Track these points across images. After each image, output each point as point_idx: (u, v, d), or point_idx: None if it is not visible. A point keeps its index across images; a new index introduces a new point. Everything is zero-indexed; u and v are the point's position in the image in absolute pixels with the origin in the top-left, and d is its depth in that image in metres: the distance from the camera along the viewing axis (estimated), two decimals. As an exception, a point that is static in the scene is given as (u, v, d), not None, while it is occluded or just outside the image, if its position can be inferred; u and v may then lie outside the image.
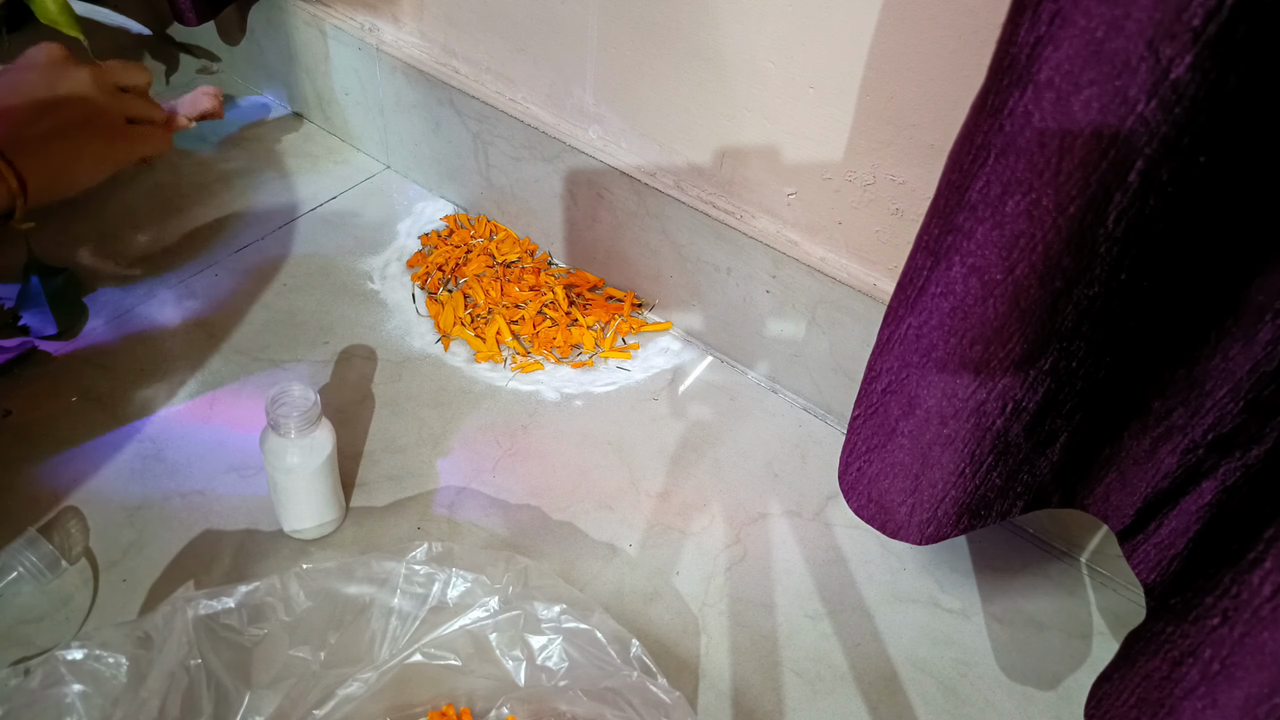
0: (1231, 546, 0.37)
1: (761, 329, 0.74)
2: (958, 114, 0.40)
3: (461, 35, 0.80)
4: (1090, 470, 0.52)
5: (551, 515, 0.65)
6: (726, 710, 0.56)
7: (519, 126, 0.79)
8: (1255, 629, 0.36)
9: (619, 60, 0.70)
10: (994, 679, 0.60)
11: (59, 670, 0.47)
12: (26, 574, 0.56)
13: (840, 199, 0.64)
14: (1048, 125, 0.36)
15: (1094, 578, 0.66)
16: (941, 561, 0.66)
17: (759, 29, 0.61)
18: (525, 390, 0.74)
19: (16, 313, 0.72)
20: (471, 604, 0.53)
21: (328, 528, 0.62)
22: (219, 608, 0.51)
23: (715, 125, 0.68)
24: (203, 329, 0.75)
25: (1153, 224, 0.38)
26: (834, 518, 0.68)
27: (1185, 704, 0.40)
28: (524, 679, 0.52)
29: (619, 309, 0.81)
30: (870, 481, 0.55)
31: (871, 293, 0.65)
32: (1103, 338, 0.43)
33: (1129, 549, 0.52)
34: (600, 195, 0.77)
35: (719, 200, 0.71)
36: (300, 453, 0.56)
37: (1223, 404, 0.43)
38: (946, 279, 0.43)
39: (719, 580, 0.63)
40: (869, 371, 0.51)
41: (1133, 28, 0.32)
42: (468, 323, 0.79)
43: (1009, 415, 0.46)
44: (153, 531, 0.61)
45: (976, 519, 0.54)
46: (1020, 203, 0.38)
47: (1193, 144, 0.35)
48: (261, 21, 0.94)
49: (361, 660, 0.52)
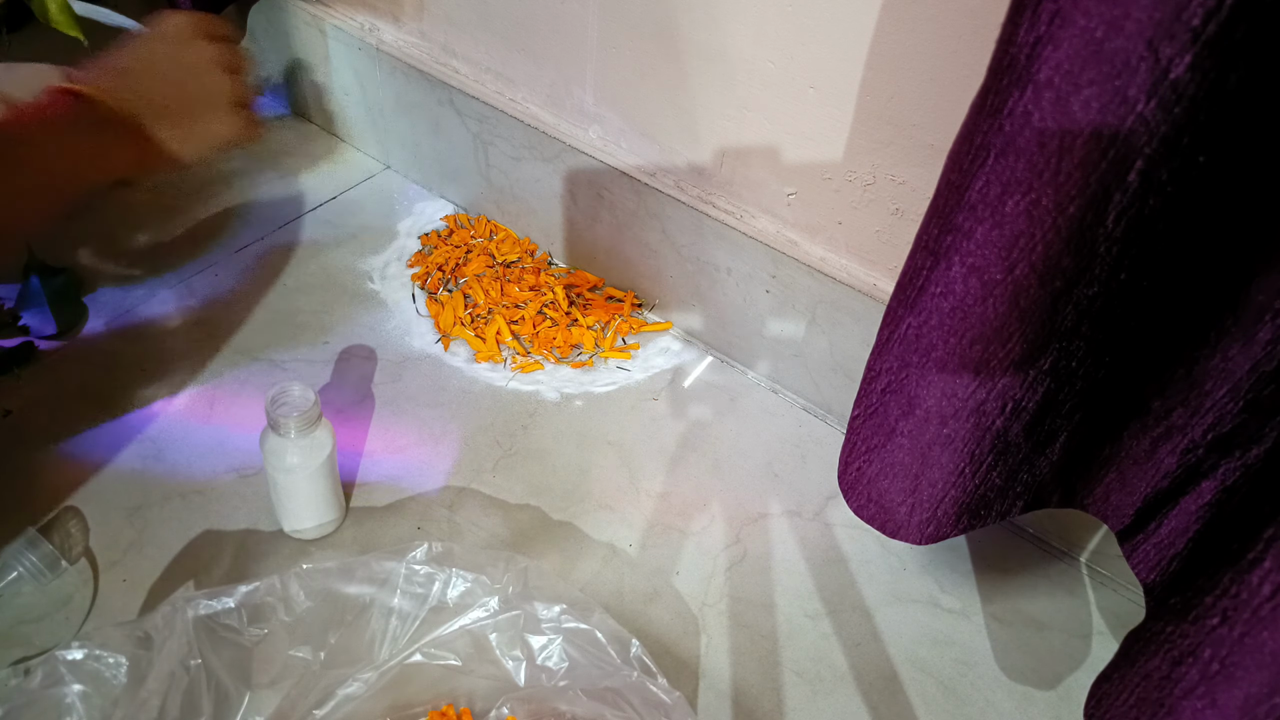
0: (1231, 546, 0.37)
1: (761, 329, 0.74)
2: (958, 114, 0.40)
3: (461, 35, 0.80)
4: (1090, 470, 0.52)
5: (551, 515, 0.65)
6: (726, 710, 0.56)
7: (519, 126, 0.79)
8: (1255, 629, 0.36)
9: (619, 60, 0.70)
10: (994, 679, 0.60)
11: (59, 670, 0.47)
12: (26, 574, 0.56)
13: (840, 199, 0.64)
14: (1047, 125, 0.36)
15: (1094, 578, 0.66)
16: (941, 561, 0.66)
17: (759, 29, 0.61)
18: (525, 390, 0.74)
19: (16, 312, 0.72)
20: (471, 604, 0.53)
21: (328, 528, 0.62)
22: (219, 608, 0.51)
23: (715, 125, 0.68)
24: (203, 329, 0.75)
25: (1152, 224, 0.38)
26: (834, 518, 0.68)
27: (1185, 704, 0.40)
28: (524, 679, 0.52)
29: (619, 309, 0.81)
30: (870, 481, 0.55)
31: (871, 293, 0.65)
32: (1102, 337, 0.43)
33: (1129, 549, 0.52)
34: (600, 195, 0.77)
35: (719, 200, 0.71)
36: (300, 453, 0.56)
37: (1222, 404, 0.43)
38: (946, 279, 0.43)
39: (719, 580, 0.63)
40: (869, 371, 0.51)
41: (1132, 27, 0.32)
42: (468, 323, 0.79)
43: (1009, 415, 0.46)
44: (153, 531, 0.61)
45: (976, 519, 0.54)
46: (1020, 202, 0.38)
47: (1192, 144, 0.35)
48: (261, 21, 0.94)
49: (361, 660, 0.52)
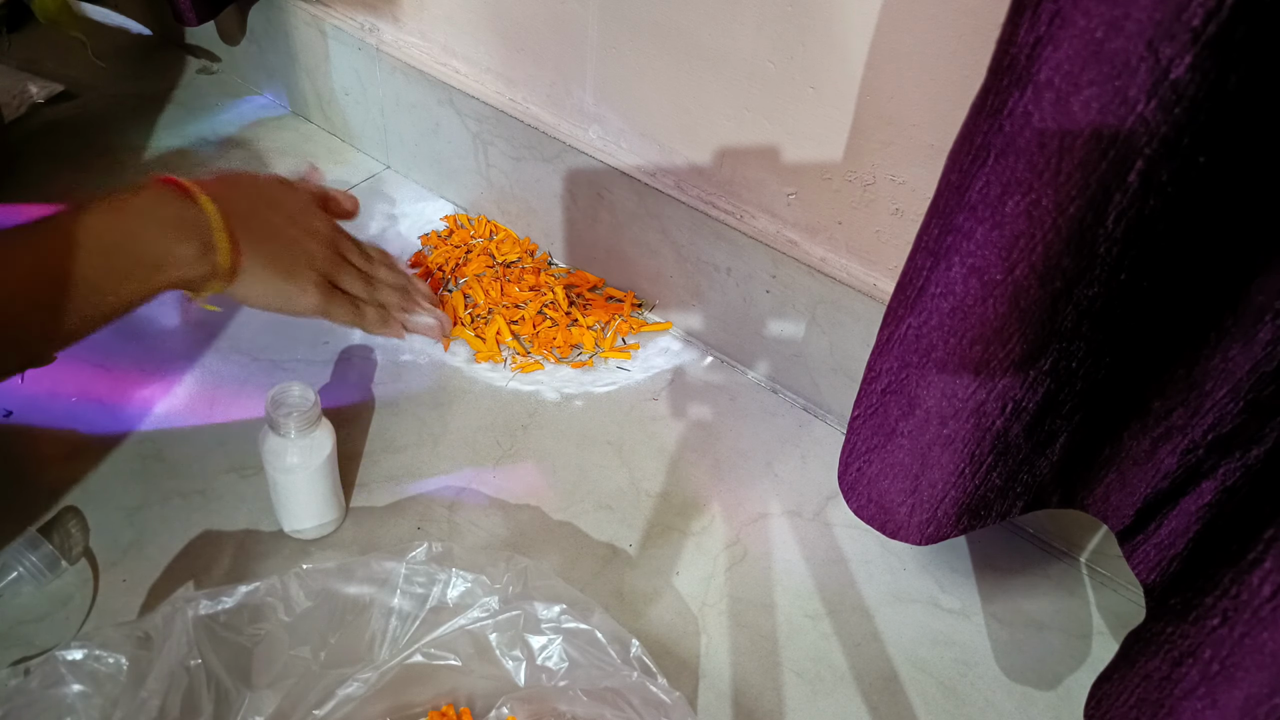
0: (1231, 547, 0.37)
1: (761, 329, 0.74)
2: (958, 114, 0.40)
3: (461, 35, 0.80)
4: (1090, 470, 0.52)
5: (551, 515, 0.65)
6: (726, 710, 0.56)
7: (519, 126, 0.79)
8: (1255, 629, 0.36)
9: (619, 60, 0.70)
10: (994, 679, 0.60)
11: (59, 670, 0.47)
12: (26, 574, 0.56)
13: (840, 199, 0.64)
14: (1047, 125, 0.36)
15: (1094, 578, 0.66)
16: (941, 561, 0.66)
17: (759, 29, 0.61)
18: (525, 390, 0.74)
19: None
20: (471, 604, 0.53)
21: (328, 528, 0.62)
22: (219, 608, 0.51)
23: (715, 125, 0.68)
24: (203, 329, 0.75)
25: (1152, 224, 0.38)
26: (834, 518, 0.68)
27: (1185, 704, 0.40)
28: (524, 679, 0.52)
29: (619, 309, 0.81)
30: (870, 482, 0.55)
31: (871, 293, 0.65)
32: (1102, 338, 0.43)
33: (1129, 549, 0.52)
34: (600, 195, 0.77)
35: (719, 200, 0.71)
36: (300, 453, 0.56)
37: (1223, 404, 0.43)
38: (946, 279, 0.43)
39: (719, 580, 0.63)
40: (869, 372, 0.51)
41: (1132, 28, 0.32)
42: (468, 323, 0.79)
43: (1009, 415, 0.46)
44: (153, 531, 0.61)
45: (976, 519, 0.54)
46: (1020, 203, 0.38)
47: (1192, 144, 0.35)
48: (261, 21, 0.94)
49: (361, 660, 0.52)
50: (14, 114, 0.93)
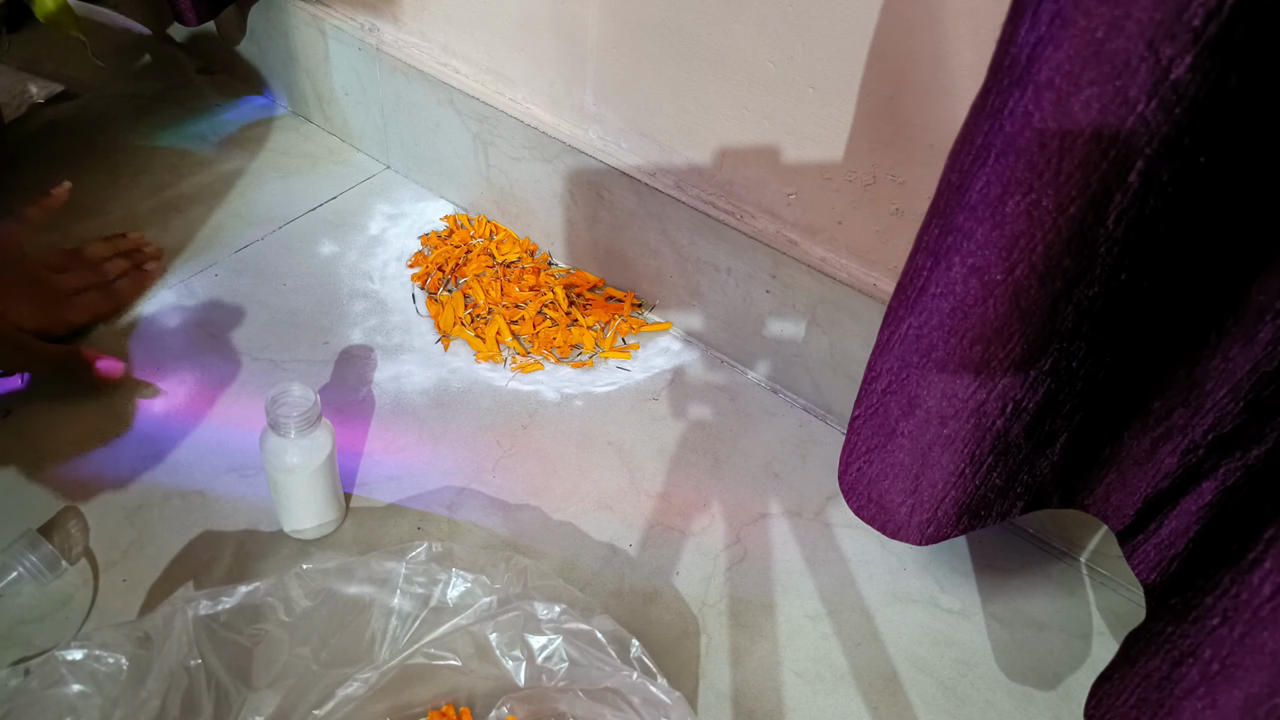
0: (1231, 547, 0.37)
1: (761, 329, 0.74)
2: (958, 114, 0.40)
3: (461, 35, 0.80)
4: (1090, 470, 0.52)
5: (551, 515, 0.65)
6: (726, 710, 0.56)
7: (519, 126, 0.79)
8: (1255, 629, 0.36)
9: (619, 60, 0.70)
10: (994, 679, 0.60)
11: (59, 670, 0.47)
12: (26, 574, 0.56)
13: (840, 199, 0.64)
14: (1048, 125, 0.36)
15: (1094, 578, 0.66)
16: (941, 561, 0.66)
17: (759, 29, 0.61)
18: (525, 390, 0.74)
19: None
20: (471, 604, 0.53)
21: (328, 528, 0.62)
22: (219, 608, 0.51)
23: (715, 125, 0.68)
24: (203, 329, 0.75)
25: (1153, 224, 0.38)
26: (834, 518, 0.68)
27: (1185, 704, 0.40)
28: (524, 679, 0.52)
29: (619, 309, 0.81)
30: (870, 482, 0.55)
31: (871, 293, 0.65)
32: (1103, 338, 0.43)
33: (1129, 549, 0.52)
34: (600, 195, 0.77)
35: (719, 200, 0.71)
36: (300, 453, 0.56)
37: (1223, 404, 0.43)
38: (946, 279, 0.43)
39: (719, 580, 0.63)
40: (869, 372, 0.51)
41: (1133, 28, 0.32)
42: (468, 323, 0.79)
43: (1009, 415, 0.46)
44: (153, 531, 0.61)
45: (976, 519, 0.54)
46: (1020, 203, 0.38)
47: (1193, 144, 0.35)
48: (261, 21, 0.94)
49: (361, 660, 0.52)
50: (14, 114, 0.93)
